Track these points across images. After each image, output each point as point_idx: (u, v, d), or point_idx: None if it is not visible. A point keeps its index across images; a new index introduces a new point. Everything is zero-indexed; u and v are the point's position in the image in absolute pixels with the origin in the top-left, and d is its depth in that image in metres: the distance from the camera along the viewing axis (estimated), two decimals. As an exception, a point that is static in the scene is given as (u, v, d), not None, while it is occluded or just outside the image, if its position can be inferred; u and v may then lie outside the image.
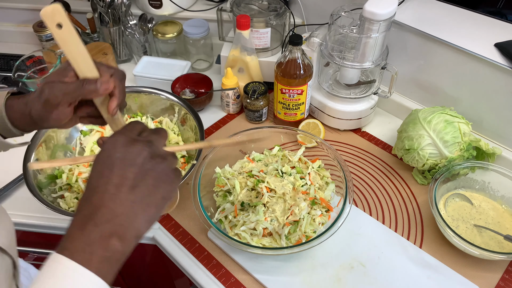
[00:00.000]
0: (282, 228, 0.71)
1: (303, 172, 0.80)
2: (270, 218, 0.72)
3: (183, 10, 1.18)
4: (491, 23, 0.88)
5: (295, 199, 0.74)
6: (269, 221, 0.72)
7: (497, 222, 0.77)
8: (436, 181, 0.77)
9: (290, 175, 0.79)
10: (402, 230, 0.79)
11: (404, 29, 0.89)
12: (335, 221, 0.69)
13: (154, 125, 0.93)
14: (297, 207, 0.73)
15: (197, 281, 0.72)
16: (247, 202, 0.76)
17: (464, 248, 0.71)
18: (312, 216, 0.74)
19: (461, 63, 0.85)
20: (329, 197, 0.78)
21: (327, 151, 0.81)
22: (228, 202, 0.77)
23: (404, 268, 0.72)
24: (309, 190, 0.77)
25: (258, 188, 0.76)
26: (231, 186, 0.79)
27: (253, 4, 1.04)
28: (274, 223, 0.72)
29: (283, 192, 0.75)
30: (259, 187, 0.76)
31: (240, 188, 0.78)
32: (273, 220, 0.72)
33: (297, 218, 0.72)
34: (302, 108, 0.95)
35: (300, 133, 0.87)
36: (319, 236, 0.68)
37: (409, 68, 0.94)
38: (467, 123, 0.83)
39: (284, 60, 0.88)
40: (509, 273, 0.72)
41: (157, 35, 1.12)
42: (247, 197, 0.77)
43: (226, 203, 0.77)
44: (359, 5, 0.87)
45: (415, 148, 0.81)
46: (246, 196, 0.77)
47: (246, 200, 0.76)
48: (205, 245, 0.77)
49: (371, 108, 0.96)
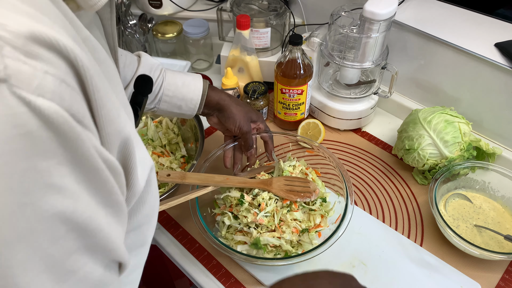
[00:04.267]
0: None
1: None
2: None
3: (183, 10, 1.18)
4: (491, 23, 0.88)
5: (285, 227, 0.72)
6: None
7: (497, 222, 0.77)
8: (436, 181, 0.77)
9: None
10: (403, 230, 0.79)
11: (404, 29, 0.89)
12: (336, 229, 0.69)
13: (154, 125, 0.93)
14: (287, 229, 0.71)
15: (197, 281, 0.72)
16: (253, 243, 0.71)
17: (464, 248, 0.71)
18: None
19: (461, 63, 0.85)
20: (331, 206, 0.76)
21: (325, 155, 0.81)
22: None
23: (405, 267, 0.72)
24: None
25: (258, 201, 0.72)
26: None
27: (253, 4, 1.04)
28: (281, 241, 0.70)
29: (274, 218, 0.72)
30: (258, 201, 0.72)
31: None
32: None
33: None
34: (302, 108, 0.95)
35: (299, 138, 0.86)
36: (318, 247, 0.67)
37: (409, 68, 0.94)
38: (467, 123, 0.83)
39: (284, 60, 0.88)
40: (509, 273, 0.72)
41: (157, 35, 1.12)
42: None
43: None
44: (359, 5, 0.87)
45: (415, 148, 0.81)
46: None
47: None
48: (205, 245, 0.77)
49: (371, 108, 0.96)
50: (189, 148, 0.90)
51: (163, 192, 0.73)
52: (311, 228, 0.72)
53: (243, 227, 0.71)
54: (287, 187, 0.73)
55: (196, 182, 0.72)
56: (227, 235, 0.73)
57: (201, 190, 0.72)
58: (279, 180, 0.74)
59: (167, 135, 0.92)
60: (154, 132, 0.91)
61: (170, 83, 0.73)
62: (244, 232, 0.71)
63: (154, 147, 0.90)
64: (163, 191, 0.81)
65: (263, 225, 0.70)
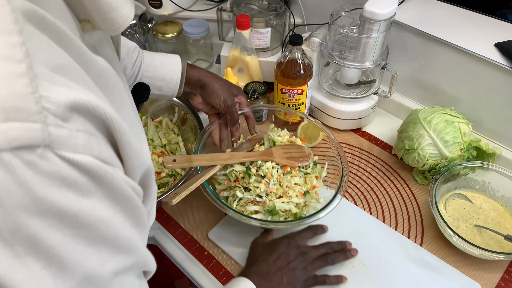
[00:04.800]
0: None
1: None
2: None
3: (183, 10, 1.18)
4: (491, 23, 0.88)
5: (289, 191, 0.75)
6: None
7: (497, 222, 0.77)
8: (436, 181, 0.77)
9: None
10: (402, 230, 0.79)
11: (404, 29, 0.89)
12: (332, 199, 0.71)
13: (154, 125, 0.93)
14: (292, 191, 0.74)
15: (197, 281, 0.72)
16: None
17: (464, 248, 0.71)
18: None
19: (461, 63, 0.85)
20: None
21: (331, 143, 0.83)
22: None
23: (405, 267, 0.72)
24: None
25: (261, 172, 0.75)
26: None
27: (253, 4, 1.04)
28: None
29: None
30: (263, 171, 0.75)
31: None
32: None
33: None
34: (302, 108, 0.95)
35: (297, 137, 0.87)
36: (318, 213, 0.70)
37: (409, 68, 0.94)
38: (467, 123, 0.83)
39: (284, 60, 0.88)
40: (509, 273, 0.72)
41: (157, 35, 1.12)
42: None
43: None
44: (359, 5, 0.87)
45: (415, 148, 0.81)
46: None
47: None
48: (205, 245, 0.77)
49: (371, 108, 0.96)
50: (189, 148, 0.90)
51: (163, 192, 0.72)
52: (310, 190, 0.76)
53: (256, 197, 0.73)
54: (287, 154, 0.77)
55: (203, 163, 0.73)
56: (238, 207, 0.74)
57: (210, 171, 0.73)
58: (277, 149, 0.78)
59: (167, 135, 0.92)
60: (154, 132, 0.91)
61: (148, 64, 0.73)
62: (255, 201, 0.73)
63: (154, 147, 0.90)
64: (163, 191, 0.81)
65: (272, 193, 0.73)
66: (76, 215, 0.26)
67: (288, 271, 0.67)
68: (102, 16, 0.33)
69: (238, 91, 0.82)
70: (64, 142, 0.24)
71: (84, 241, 0.28)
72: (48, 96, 0.24)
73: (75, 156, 0.25)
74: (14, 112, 0.22)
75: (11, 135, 0.22)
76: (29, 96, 0.23)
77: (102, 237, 0.29)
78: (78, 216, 0.26)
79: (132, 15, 0.36)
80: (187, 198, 0.80)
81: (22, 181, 0.23)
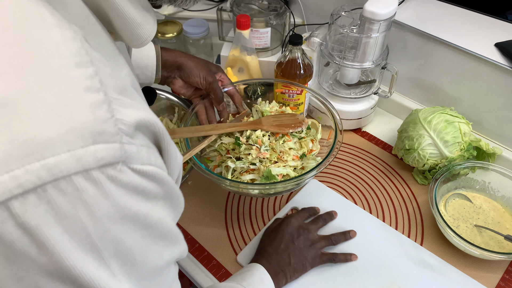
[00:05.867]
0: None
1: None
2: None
3: (183, 9, 1.18)
4: (491, 23, 0.88)
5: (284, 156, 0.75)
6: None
7: (497, 222, 0.77)
8: (436, 181, 0.77)
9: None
10: (403, 230, 0.79)
11: (404, 29, 0.89)
12: (328, 154, 0.71)
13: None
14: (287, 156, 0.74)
15: (197, 281, 0.72)
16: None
17: (465, 248, 0.71)
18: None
19: (461, 63, 0.85)
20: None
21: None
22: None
23: (405, 267, 0.72)
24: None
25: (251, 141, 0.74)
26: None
27: (253, 4, 1.04)
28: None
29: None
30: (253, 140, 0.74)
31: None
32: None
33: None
34: (301, 108, 0.95)
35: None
36: (311, 171, 0.68)
37: (409, 68, 0.94)
38: (468, 123, 0.83)
39: (284, 60, 0.88)
40: (509, 273, 0.72)
41: (157, 35, 1.12)
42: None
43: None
44: (359, 5, 0.87)
45: (416, 148, 0.81)
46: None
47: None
48: (205, 245, 0.76)
49: (371, 108, 0.96)
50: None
51: None
52: (307, 153, 0.76)
53: (249, 166, 0.72)
54: (277, 122, 0.76)
55: (187, 135, 0.72)
56: (233, 179, 0.73)
57: (204, 142, 0.72)
58: (267, 118, 0.77)
59: (167, 135, 0.92)
60: (154, 132, 0.91)
61: None
62: (250, 170, 0.72)
63: (154, 147, 0.90)
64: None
65: (266, 159, 0.72)
66: (145, 217, 0.30)
67: (294, 250, 0.69)
68: (129, 32, 0.37)
69: (217, 68, 0.80)
70: (134, 156, 0.28)
71: (150, 239, 0.32)
72: (122, 119, 0.28)
73: (143, 168, 0.29)
74: (100, 135, 0.26)
75: (98, 155, 0.26)
76: (109, 120, 0.27)
77: (160, 233, 0.33)
78: (146, 218, 0.31)
79: (155, 30, 0.39)
80: (186, 199, 0.79)
81: (108, 193, 0.27)
